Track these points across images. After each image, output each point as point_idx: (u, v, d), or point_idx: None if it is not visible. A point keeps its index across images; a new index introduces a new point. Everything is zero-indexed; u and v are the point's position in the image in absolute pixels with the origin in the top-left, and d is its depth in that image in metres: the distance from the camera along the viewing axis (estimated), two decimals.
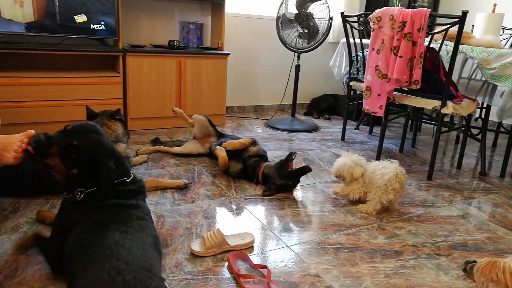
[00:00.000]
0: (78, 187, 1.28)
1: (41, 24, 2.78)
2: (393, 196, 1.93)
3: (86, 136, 1.31)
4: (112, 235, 1.15)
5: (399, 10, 2.42)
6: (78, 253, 1.13)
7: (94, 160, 1.27)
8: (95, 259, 1.07)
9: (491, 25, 2.61)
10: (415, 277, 1.48)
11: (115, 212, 1.26)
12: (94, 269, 1.03)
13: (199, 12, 3.67)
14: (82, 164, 1.27)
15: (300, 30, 3.45)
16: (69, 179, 1.29)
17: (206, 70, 3.33)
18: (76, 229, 1.22)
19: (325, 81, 4.59)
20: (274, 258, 1.55)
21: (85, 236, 1.18)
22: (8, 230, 1.61)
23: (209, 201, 2.02)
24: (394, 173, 1.92)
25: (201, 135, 2.70)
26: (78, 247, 1.15)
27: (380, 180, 1.93)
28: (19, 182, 1.87)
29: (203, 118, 2.68)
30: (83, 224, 1.22)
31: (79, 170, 1.27)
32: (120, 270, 1.01)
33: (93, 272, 1.02)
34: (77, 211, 1.26)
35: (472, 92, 2.74)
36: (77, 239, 1.18)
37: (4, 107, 2.65)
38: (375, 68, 2.59)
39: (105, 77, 2.98)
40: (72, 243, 1.19)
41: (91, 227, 1.20)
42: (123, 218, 1.25)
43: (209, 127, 2.68)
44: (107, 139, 1.37)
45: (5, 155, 1.22)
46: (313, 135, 3.42)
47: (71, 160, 1.26)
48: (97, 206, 1.26)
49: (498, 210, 2.13)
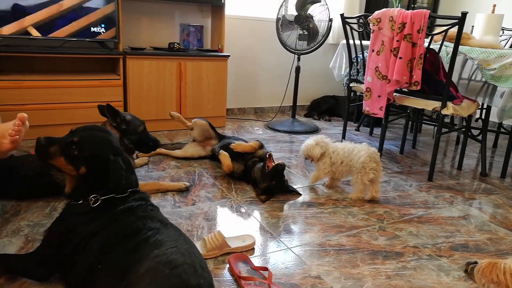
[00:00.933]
0: (91, 192, 1.25)
1: (42, 27, 2.79)
2: (373, 174, 2.08)
3: (90, 133, 1.30)
4: (166, 232, 1.17)
5: (399, 12, 2.42)
6: (122, 260, 1.10)
7: (101, 156, 1.24)
8: (159, 258, 1.04)
9: (491, 26, 2.61)
10: (416, 278, 1.48)
11: (145, 214, 1.25)
12: (167, 266, 1.02)
13: (199, 14, 3.68)
14: (88, 161, 1.24)
15: (300, 32, 3.45)
16: (82, 183, 1.26)
17: (206, 72, 3.34)
18: (100, 237, 1.18)
19: (325, 82, 4.60)
20: (275, 260, 1.55)
21: (125, 240, 1.15)
22: (9, 233, 1.61)
23: (210, 203, 2.02)
24: (367, 153, 2.09)
25: (202, 138, 2.69)
26: (122, 254, 1.12)
27: (357, 164, 2.10)
28: (20, 184, 1.87)
29: (204, 122, 2.66)
30: (111, 230, 1.19)
31: (88, 169, 1.24)
32: (193, 263, 1.05)
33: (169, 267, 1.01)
34: (94, 219, 1.22)
35: (472, 93, 2.74)
36: (111, 246, 1.15)
37: (5, 110, 2.65)
38: (375, 69, 2.59)
39: (106, 80, 2.98)
40: (99, 251, 1.15)
41: (126, 230, 1.18)
42: (157, 217, 1.26)
43: (210, 131, 2.66)
44: (115, 139, 1.35)
45: (3, 141, 1.26)
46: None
47: (75, 158, 1.24)
48: (122, 209, 1.25)
49: (499, 211, 2.13)
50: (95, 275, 1.13)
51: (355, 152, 2.14)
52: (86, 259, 1.16)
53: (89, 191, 1.26)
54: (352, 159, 2.14)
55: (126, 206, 1.26)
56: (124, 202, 1.27)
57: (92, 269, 1.14)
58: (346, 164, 2.16)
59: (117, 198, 1.27)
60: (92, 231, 1.20)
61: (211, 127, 2.67)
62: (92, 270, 1.14)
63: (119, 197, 1.28)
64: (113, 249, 1.14)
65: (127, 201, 1.28)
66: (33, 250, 1.30)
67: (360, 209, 2.05)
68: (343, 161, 2.17)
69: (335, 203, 2.11)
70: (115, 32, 3.01)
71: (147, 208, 1.30)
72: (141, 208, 1.29)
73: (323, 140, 2.24)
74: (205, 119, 2.71)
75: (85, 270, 1.15)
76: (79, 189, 1.28)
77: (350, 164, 2.15)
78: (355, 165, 2.12)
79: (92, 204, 1.24)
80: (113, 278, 1.08)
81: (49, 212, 1.80)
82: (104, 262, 1.13)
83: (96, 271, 1.13)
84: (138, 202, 1.30)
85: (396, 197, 2.24)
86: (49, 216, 1.77)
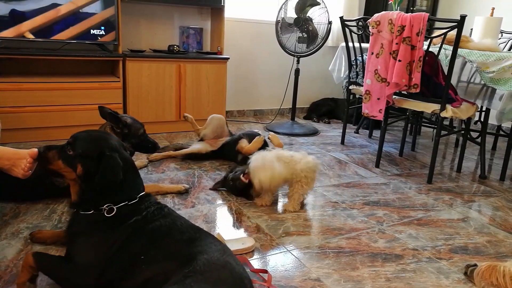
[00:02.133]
0: (99, 200, 1.24)
1: (41, 29, 2.79)
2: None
3: (85, 132, 1.31)
4: (203, 236, 1.22)
5: (398, 14, 2.43)
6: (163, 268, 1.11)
7: (94, 152, 1.24)
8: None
9: (490, 28, 2.62)
10: (416, 281, 1.48)
11: (166, 217, 1.27)
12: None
13: (199, 17, 3.69)
14: (82, 158, 1.23)
15: (299, 34, 3.46)
16: (85, 187, 1.25)
17: (205, 75, 3.34)
18: (129, 245, 1.19)
19: (325, 85, 4.60)
20: (274, 263, 1.55)
21: (160, 246, 1.17)
22: (8, 236, 1.61)
23: (209, 205, 2.02)
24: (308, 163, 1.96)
25: (213, 135, 2.70)
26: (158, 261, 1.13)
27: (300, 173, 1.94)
28: (19, 187, 1.87)
29: (222, 117, 2.72)
30: (139, 237, 1.20)
31: (84, 167, 1.23)
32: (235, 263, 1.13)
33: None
34: (115, 229, 1.21)
35: (471, 95, 2.75)
36: (145, 251, 1.16)
37: (5, 112, 2.65)
38: (374, 72, 2.59)
39: (105, 82, 2.99)
40: (129, 258, 1.16)
41: (156, 234, 1.20)
42: (179, 218, 1.30)
43: (225, 127, 2.72)
44: (114, 139, 1.34)
45: (14, 170, 1.35)
46: (313, 139, 3.43)
47: (70, 158, 1.24)
48: (147, 215, 1.25)
49: (499, 213, 2.13)
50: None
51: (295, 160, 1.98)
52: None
53: (95, 197, 1.24)
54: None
55: (147, 212, 1.27)
56: (140, 209, 1.27)
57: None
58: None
59: (130, 206, 1.27)
60: (115, 243, 1.19)
61: (226, 124, 2.73)
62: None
63: (132, 204, 1.27)
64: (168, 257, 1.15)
65: (142, 207, 1.28)
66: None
67: (359, 212, 2.05)
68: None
69: (334, 205, 2.11)
70: (115, 34, 3.02)
71: (166, 213, 1.31)
72: (161, 213, 1.29)
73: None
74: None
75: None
76: (85, 196, 1.27)
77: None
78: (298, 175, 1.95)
79: (106, 213, 1.23)
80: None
81: (49, 215, 1.80)
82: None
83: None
84: (154, 207, 1.30)
85: (395, 199, 2.24)
86: (48, 218, 1.77)
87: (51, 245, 1.55)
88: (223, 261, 1.10)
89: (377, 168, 2.74)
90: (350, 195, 2.25)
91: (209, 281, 1.02)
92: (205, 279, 1.02)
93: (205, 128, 2.71)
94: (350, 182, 2.46)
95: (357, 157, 2.98)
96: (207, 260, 1.08)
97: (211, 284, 1.01)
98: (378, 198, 2.23)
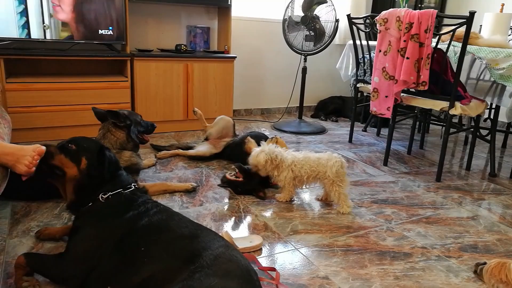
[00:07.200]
0: (94, 191, 1.35)
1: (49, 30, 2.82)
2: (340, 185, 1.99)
3: (79, 136, 1.45)
4: (205, 232, 1.26)
5: (406, 11, 2.42)
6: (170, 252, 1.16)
7: (96, 147, 1.39)
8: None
9: (499, 25, 2.59)
10: (425, 279, 1.48)
11: (163, 212, 1.33)
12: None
13: (206, 16, 3.70)
14: (87, 152, 1.36)
15: (307, 32, 3.45)
16: (84, 181, 1.34)
17: (213, 74, 3.35)
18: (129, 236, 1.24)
19: (332, 83, 4.59)
20: (282, 261, 1.55)
21: (164, 232, 1.23)
22: (19, 234, 1.63)
23: (217, 204, 2.03)
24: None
25: (218, 135, 2.71)
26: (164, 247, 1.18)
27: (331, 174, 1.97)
28: (30, 186, 1.88)
29: (230, 119, 2.74)
30: (136, 231, 1.24)
31: (88, 160, 1.35)
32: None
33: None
34: (111, 222, 1.28)
35: (480, 92, 2.72)
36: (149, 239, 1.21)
37: (15, 112, 2.68)
38: (382, 69, 2.58)
39: (114, 82, 3.01)
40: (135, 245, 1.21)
41: (154, 228, 1.25)
42: (176, 213, 1.38)
43: (231, 128, 2.74)
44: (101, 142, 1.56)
45: (18, 166, 1.32)
46: (320, 137, 3.42)
47: (74, 152, 1.35)
48: (143, 210, 1.32)
49: (509, 212, 2.11)
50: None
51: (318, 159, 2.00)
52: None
53: (92, 190, 1.35)
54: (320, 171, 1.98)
55: (139, 203, 1.35)
56: (135, 201, 1.36)
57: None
58: (313, 177, 2.01)
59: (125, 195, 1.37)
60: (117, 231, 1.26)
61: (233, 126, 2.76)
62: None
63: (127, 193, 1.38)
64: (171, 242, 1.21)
65: (137, 199, 1.38)
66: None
67: (367, 210, 2.04)
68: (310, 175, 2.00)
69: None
70: (123, 34, 3.04)
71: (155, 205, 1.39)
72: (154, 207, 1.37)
73: (272, 149, 2.03)
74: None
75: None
76: (82, 191, 1.35)
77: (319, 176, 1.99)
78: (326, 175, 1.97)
79: (102, 200, 1.34)
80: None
81: (59, 213, 1.82)
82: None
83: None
84: (144, 198, 1.40)
85: (404, 197, 2.23)
86: (58, 216, 1.79)
87: (61, 241, 1.57)
88: (229, 255, 1.12)
89: (385, 166, 2.73)
90: (358, 193, 2.24)
91: (217, 274, 1.04)
92: (214, 272, 1.04)
93: (211, 127, 2.72)
94: (358, 180, 2.46)
95: (365, 155, 2.97)
96: (212, 255, 1.10)
97: (219, 276, 1.03)
98: (386, 196, 2.22)
